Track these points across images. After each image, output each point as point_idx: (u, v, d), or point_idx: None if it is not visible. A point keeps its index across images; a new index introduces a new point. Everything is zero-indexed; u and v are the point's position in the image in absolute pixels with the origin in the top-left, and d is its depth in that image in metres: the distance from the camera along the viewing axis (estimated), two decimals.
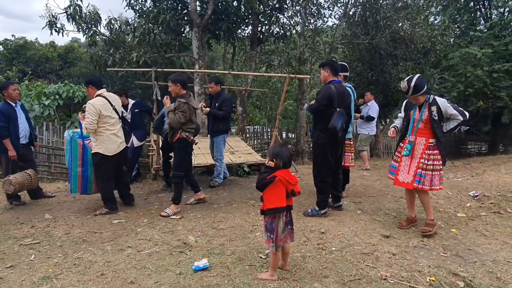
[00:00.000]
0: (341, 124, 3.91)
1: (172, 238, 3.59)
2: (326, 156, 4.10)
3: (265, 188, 2.67)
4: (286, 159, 2.69)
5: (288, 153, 2.72)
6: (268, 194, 2.68)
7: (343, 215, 4.19)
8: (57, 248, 3.46)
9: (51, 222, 4.20)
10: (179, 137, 4.41)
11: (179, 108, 4.36)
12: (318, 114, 4.11)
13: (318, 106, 4.05)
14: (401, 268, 2.92)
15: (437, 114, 3.48)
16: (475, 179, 5.70)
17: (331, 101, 3.96)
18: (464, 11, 15.51)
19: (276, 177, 2.62)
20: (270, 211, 2.66)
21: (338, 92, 3.99)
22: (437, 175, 3.53)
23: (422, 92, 3.49)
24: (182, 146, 4.48)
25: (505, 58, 12.52)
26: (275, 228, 2.65)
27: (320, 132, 4.10)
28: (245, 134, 11.48)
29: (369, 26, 11.33)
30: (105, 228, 3.96)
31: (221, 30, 9.13)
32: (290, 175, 2.70)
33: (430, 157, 3.52)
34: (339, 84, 4.14)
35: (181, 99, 4.41)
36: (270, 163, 2.68)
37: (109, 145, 4.34)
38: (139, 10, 9.82)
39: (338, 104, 3.96)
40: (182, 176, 4.53)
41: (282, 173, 2.65)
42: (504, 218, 4.04)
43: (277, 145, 2.78)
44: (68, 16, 8.52)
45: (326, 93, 4.00)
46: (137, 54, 8.27)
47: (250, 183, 6.09)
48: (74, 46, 27.88)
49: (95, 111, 4.17)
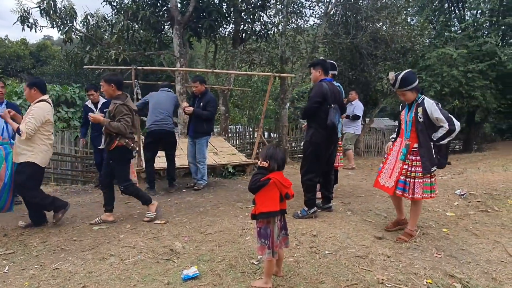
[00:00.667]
0: (337, 120, 3.93)
1: (158, 244, 3.41)
2: (319, 155, 4.02)
3: (258, 191, 2.54)
4: (281, 161, 2.58)
5: (282, 155, 2.61)
6: (261, 197, 2.55)
7: (334, 216, 4.12)
8: (33, 258, 3.21)
9: (26, 230, 3.92)
10: (118, 144, 3.88)
11: (119, 112, 3.84)
12: (311, 114, 4.03)
13: (311, 105, 3.97)
14: (397, 270, 2.86)
15: (422, 116, 3.27)
16: (459, 177, 5.78)
17: (324, 98, 3.90)
18: (439, 12, 15.93)
19: (270, 179, 2.51)
20: (263, 215, 2.53)
21: (330, 89, 3.96)
22: (418, 183, 3.31)
23: (409, 87, 3.32)
24: (121, 154, 3.97)
25: (479, 59, 12.92)
26: (271, 233, 2.53)
27: (314, 131, 4.01)
28: (227, 134, 11.33)
29: (350, 25, 11.41)
30: (85, 235, 3.72)
31: (203, 27, 8.93)
32: (284, 178, 2.59)
33: (413, 163, 3.33)
34: (331, 83, 4.10)
35: (116, 100, 3.92)
36: (264, 164, 2.57)
37: (46, 156, 3.91)
38: (117, 6, 9.47)
39: (332, 102, 3.92)
40: (132, 183, 4.15)
41: (276, 175, 2.54)
42: (492, 217, 4.08)
43: (271, 146, 2.66)
44: (41, 11, 8.10)
45: (318, 91, 3.94)
46: (116, 51, 7.96)
47: (236, 184, 5.96)
48: (47, 44, 26.91)
49: (43, 117, 3.77)
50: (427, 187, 3.31)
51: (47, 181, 8.08)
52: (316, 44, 11.27)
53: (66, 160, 8.93)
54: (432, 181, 3.34)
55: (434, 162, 3.28)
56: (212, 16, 8.94)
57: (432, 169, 3.28)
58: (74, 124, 9.91)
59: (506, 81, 13.55)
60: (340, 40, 11.23)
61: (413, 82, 3.34)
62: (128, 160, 4.17)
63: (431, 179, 3.34)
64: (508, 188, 4.89)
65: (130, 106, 3.94)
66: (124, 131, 3.83)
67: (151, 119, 5.31)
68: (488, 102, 13.10)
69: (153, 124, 5.28)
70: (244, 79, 16.80)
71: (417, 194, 3.33)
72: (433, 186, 3.35)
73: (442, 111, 3.24)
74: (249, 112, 18.98)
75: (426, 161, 3.27)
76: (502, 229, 3.75)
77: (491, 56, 12.62)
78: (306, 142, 4.16)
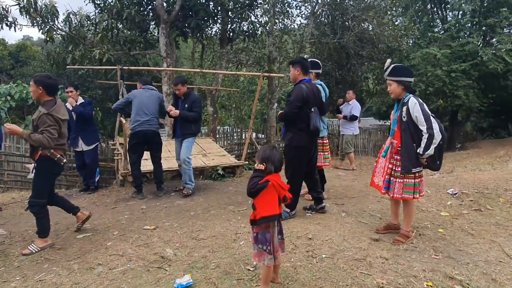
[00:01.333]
0: (319, 123, 3.90)
1: (148, 252, 3.26)
2: (301, 157, 3.96)
3: (258, 194, 2.43)
4: (278, 163, 2.50)
5: (279, 157, 2.52)
6: (261, 201, 2.44)
7: (328, 218, 4.04)
8: (15, 269, 3.03)
9: (6, 239, 3.71)
10: (42, 154, 3.39)
11: (42, 123, 3.33)
12: (291, 119, 3.92)
13: (291, 110, 3.86)
14: (396, 274, 2.80)
15: (406, 115, 3.23)
16: (450, 176, 5.81)
17: (305, 102, 3.82)
18: (422, 13, 16.16)
19: (269, 182, 2.41)
20: (264, 220, 2.42)
21: (310, 91, 3.87)
22: (398, 183, 3.29)
23: (396, 78, 3.27)
24: (45, 166, 3.45)
25: (461, 59, 13.16)
26: (271, 238, 2.42)
27: (293, 134, 3.93)
28: (215, 135, 11.17)
29: (336, 26, 11.43)
30: (70, 244, 3.54)
31: (190, 27, 8.76)
32: (281, 180, 2.50)
33: (397, 163, 3.32)
34: (310, 83, 4.00)
35: (42, 108, 3.39)
36: (260, 166, 2.46)
37: None
38: (100, 4, 9.20)
39: (312, 104, 3.85)
40: (44, 204, 3.51)
41: (274, 178, 2.44)
42: (486, 216, 4.08)
43: (267, 148, 2.56)
44: (21, 9, 7.78)
45: (298, 95, 3.83)
46: (100, 51, 7.71)
47: (226, 186, 5.83)
48: (27, 44, 26.15)
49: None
50: (409, 188, 3.26)
51: (28, 186, 7.78)
52: (303, 44, 11.25)
53: None
54: (416, 182, 3.26)
55: (414, 163, 3.20)
56: (199, 15, 8.78)
57: (413, 169, 3.21)
58: None
59: (487, 80, 13.87)
60: (327, 40, 11.23)
61: (403, 75, 3.28)
62: (53, 175, 3.61)
63: (415, 179, 3.26)
64: (499, 186, 4.93)
65: (56, 116, 3.39)
66: (47, 145, 3.32)
67: (135, 120, 5.10)
68: (471, 101, 13.37)
69: (138, 125, 5.09)
70: (231, 80, 16.67)
71: (397, 194, 3.31)
72: (417, 187, 3.27)
73: (424, 112, 3.14)
74: (236, 112, 18.86)
75: (405, 161, 3.23)
76: (497, 228, 3.75)
77: (473, 56, 12.87)
78: (286, 146, 4.07)
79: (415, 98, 3.25)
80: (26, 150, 8.33)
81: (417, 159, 3.21)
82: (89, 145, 5.78)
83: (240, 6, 9.42)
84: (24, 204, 5.22)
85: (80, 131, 5.73)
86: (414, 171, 3.23)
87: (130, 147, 5.25)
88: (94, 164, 5.97)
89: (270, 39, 11.22)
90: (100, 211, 4.65)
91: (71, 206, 3.88)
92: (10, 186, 7.82)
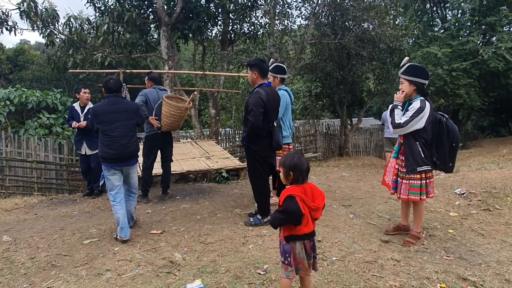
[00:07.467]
0: (280, 137, 3.95)
1: (156, 256, 3.23)
2: (263, 165, 3.89)
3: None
4: (306, 172, 2.23)
5: (307, 164, 2.25)
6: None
7: (336, 220, 4.01)
8: (21, 276, 2.98)
9: (11, 245, 3.66)
10: None
11: None
12: (260, 127, 3.70)
13: (258, 118, 3.63)
14: (409, 276, 2.77)
15: None
16: (456, 176, 5.77)
17: (264, 106, 3.66)
18: (422, 12, 16.16)
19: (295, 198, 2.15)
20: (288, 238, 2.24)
21: (267, 95, 3.70)
22: (404, 183, 3.28)
23: (409, 77, 3.25)
24: None
25: (462, 57, 13.14)
26: (291, 251, 2.22)
27: (254, 145, 3.83)
28: (217, 138, 11.12)
29: (337, 26, 11.40)
30: (77, 250, 3.50)
31: (191, 29, 8.71)
32: (315, 187, 2.28)
33: (402, 164, 3.32)
34: (269, 87, 3.84)
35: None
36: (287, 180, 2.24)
37: None
38: (101, 8, 9.16)
39: (268, 108, 3.70)
40: None
41: (300, 190, 2.18)
42: (495, 216, 4.05)
43: (295, 155, 2.26)
44: (21, 13, 7.72)
45: (258, 101, 3.64)
46: (102, 54, 7.66)
47: (231, 189, 5.79)
48: (25, 48, 26.13)
49: None
50: (415, 189, 3.23)
51: (31, 191, 7.74)
52: (304, 45, 11.22)
53: (51, 168, 8.57)
54: (422, 183, 3.22)
55: (419, 162, 3.18)
56: (200, 17, 8.73)
57: (418, 169, 3.18)
58: (56, 131, 9.51)
59: (488, 79, 13.85)
60: (327, 41, 11.20)
61: (417, 76, 3.26)
62: None
63: (421, 181, 3.22)
64: (506, 185, 4.90)
65: None
66: None
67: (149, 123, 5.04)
68: (472, 100, 13.34)
69: (152, 129, 5.05)
70: (231, 82, 16.63)
71: (403, 194, 3.30)
72: (424, 188, 3.23)
73: (415, 115, 3.15)
74: (236, 114, 18.80)
75: (409, 161, 3.22)
76: (507, 228, 3.72)
77: (474, 55, 12.86)
78: (247, 153, 3.99)
79: (423, 102, 3.20)
80: (28, 155, 8.28)
81: (421, 158, 3.19)
82: (93, 150, 5.74)
83: (241, 8, 9.38)
84: (27, 210, 5.19)
85: (85, 135, 5.72)
86: (419, 170, 3.19)
87: (147, 151, 5.18)
88: (99, 168, 5.93)
89: (271, 40, 11.19)
90: (106, 215, 4.60)
91: None
92: (12, 192, 7.77)
